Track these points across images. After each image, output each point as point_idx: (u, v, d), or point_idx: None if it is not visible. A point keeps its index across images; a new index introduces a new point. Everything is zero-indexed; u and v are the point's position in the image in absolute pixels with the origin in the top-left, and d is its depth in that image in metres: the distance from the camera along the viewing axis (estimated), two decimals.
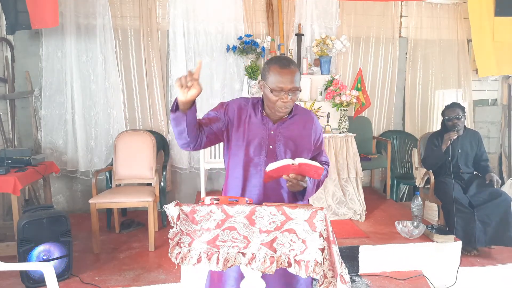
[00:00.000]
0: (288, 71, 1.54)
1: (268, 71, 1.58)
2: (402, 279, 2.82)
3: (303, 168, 1.47)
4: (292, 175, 1.49)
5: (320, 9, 4.38)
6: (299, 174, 1.50)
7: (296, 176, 1.50)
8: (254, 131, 1.65)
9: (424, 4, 4.61)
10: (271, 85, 1.56)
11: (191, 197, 4.35)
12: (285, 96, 1.55)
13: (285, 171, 1.48)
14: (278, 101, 1.57)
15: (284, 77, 1.54)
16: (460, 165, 3.38)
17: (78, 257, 2.95)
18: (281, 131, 1.65)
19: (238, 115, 1.67)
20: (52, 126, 4.00)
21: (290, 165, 1.45)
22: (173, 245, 1.34)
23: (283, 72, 1.54)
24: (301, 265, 1.27)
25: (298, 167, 1.46)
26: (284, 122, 1.67)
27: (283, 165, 1.45)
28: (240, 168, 1.65)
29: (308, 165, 1.45)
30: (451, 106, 3.40)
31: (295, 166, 1.45)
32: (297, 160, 1.45)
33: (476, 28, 3.52)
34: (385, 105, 4.71)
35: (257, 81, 1.68)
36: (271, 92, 1.56)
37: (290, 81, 1.54)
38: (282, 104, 1.57)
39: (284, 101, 1.55)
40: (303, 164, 1.45)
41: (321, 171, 1.46)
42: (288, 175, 1.49)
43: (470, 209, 3.09)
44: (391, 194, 4.31)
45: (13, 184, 2.77)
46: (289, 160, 1.46)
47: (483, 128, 4.83)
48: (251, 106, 1.69)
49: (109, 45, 4.00)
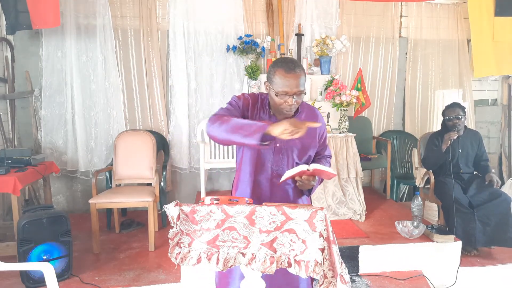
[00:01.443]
0: (293, 75, 1.55)
1: (273, 74, 1.59)
2: (402, 279, 2.82)
3: (316, 173, 1.57)
4: (304, 176, 1.59)
5: (320, 9, 4.38)
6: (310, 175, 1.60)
7: (308, 177, 1.59)
8: None
9: (424, 4, 4.60)
10: (276, 89, 1.57)
11: (191, 197, 4.35)
12: (290, 99, 1.57)
13: (300, 175, 1.59)
14: (283, 104, 1.59)
15: (289, 81, 1.55)
16: (461, 165, 3.38)
17: (78, 257, 2.95)
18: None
19: (251, 110, 1.71)
20: (52, 126, 4.00)
21: (305, 171, 1.54)
22: (173, 245, 1.34)
23: (288, 76, 1.55)
24: (301, 265, 1.27)
25: (311, 172, 1.55)
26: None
27: (298, 171, 1.53)
28: (249, 165, 1.71)
29: (321, 171, 1.54)
30: (452, 106, 3.39)
31: (309, 172, 1.54)
32: (311, 166, 1.53)
33: (476, 28, 3.52)
34: (385, 105, 4.71)
35: (264, 82, 1.71)
36: (276, 95, 1.58)
37: (295, 85, 1.55)
38: (287, 107, 1.60)
39: (288, 104, 1.58)
40: (317, 170, 1.53)
41: (333, 176, 1.57)
42: (301, 177, 1.59)
43: (470, 209, 3.09)
44: (391, 194, 4.31)
45: (13, 184, 2.77)
46: (304, 166, 1.53)
47: (483, 128, 4.83)
48: (260, 102, 1.73)
49: (109, 45, 4.00)
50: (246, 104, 1.69)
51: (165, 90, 4.24)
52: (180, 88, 4.18)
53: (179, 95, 4.19)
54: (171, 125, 4.25)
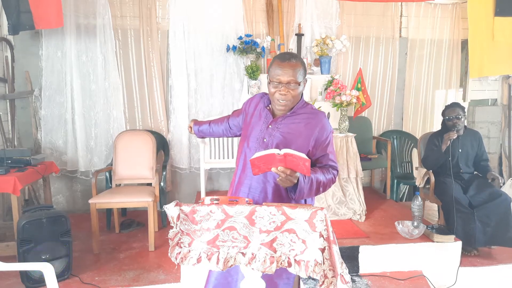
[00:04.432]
0: (287, 64, 1.59)
1: (271, 65, 1.65)
2: (402, 279, 2.82)
3: (289, 160, 1.43)
4: (280, 168, 1.45)
5: (320, 9, 4.38)
6: (287, 167, 1.46)
7: (285, 170, 1.45)
8: (256, 123, 1.74)
9: (423, 4, 4.60)
10: (270, 78, 1.63)
11: (191, 197, 4.34)
12: (283, 88, 1.59)
13: (271, 162, 1.45)
14: (276, 93, 1.62)
15: (283, 69, 1.59)
16: (461, 165, 3.38)
17: (78, 257, 2.95)
18: (279, 126, 1.68)
19: (251, 109, 1.81)
20: (52, 126, 4.00)
21: (275, 154, 1.42)
22: (173, 245, 1.34)
23: (282, 65, 1.60)
24: (301, 265, 1.27)
25: (283, 157, 1.42)
26: (285, 118, 1.69)
27: (267, 153, 1.42)
28: (239, 159, 1.78)
29: (293, 155, 1.41)
30: (451, 106, 3.40)
31: (280, 156, 1.42)
32: (282, 150, 1.42)
33: (474, 28, 3.51)
34: (385, 105, 4.71)
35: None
36: (270, 83, 1.63)
37: (288, 74, 1.58)
38: (280, 96, 1.61)
39: (281, 93, 1.60)
40: (289, 154, 1.41)
41: (308, 163, 1.42)
42: (277, 168, 1.45)
43: (470, 209, 3.08)
44: (391, 194, 4.31)
45: (13, 184, 2.76)
46: (275, 150, 1.44)
47: (483, 128, 4.83)
48: (262, 100, 1.81)
49: (109, 45, 4.00)
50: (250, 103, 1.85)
51: (165, 90, 4.24)
52: (180, 88, 4.18)
53: (179, 95, 4.19)
54: (171, 125, 4.25)
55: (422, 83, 4.75)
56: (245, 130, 1.79)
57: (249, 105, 1.84)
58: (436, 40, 4.70)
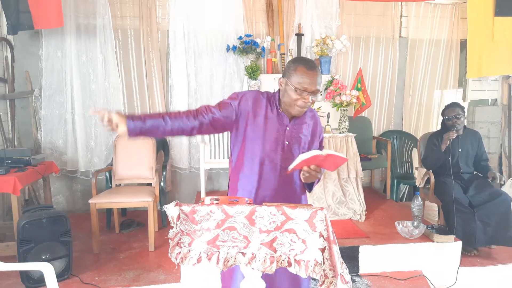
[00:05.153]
0: (314, 74, 1.61)
1: (294, 71, 1.62)
2: (402, 279, 2.82)
3: (328, 159, 1.52)
4: (313, 166, 1.53)
5: (320, 9, 4.38)
6: (318, 166, 1.55)
7: (316, 168, 1.53)
8: (271, 126, 1.68)
9: (423, 4, 4.61)
10: (295, 85, 1.60)
11: (191, 197, 4.34)
12: (307, 96, 1.61)
13: (311, 162, 1.52)
14: (299, 100, 1.62)
15: (310, 78, 1.60)
16: (461, 164, 3.38)
17: (78, 257, 2.95)
18: (295, 128, 1.72)
19: (253, 108, 1.68)
20: (52, 126, 4.00)
21: (318, 155, 1.49)
22: (173, 245, 1.34)
23: (310, 74, 1.60)
24: (301, 265, 1.27)
25: (324, 158, 1.50)
26: (297, 120, 1.72)
27: (313, 155, 1.49)
28: (257, 164, 1.67)
29: (334, 156, 1.50)
30: (451, 105, 3.40)
31: (322, 157, 1.49)
32: (325, 151, 1.49)
33: (473, 28, 3.50)
34: (385, 105, 4.71)
35: (279, 79, 1.71)
36: (294, 90, 1.61)
37: (315, 83, 1.61)
38: (303, 104, 1.63)
39: (305, 101, 1.62)
40: (330, 155, 1.49)
41: (344, 161, 1.54)
42: (309, 167, 1.52)
43: (470, 209, 3.08)
44: (391, 194, 4.31)
45: (13, 184, 2.76)
46: (317, 151, 1.51)
47: (483, 128, 4.82)
48: (267, 100, 1.72)
49: (109, 45, 4.00)
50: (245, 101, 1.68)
51: (165, 90, 4.24)
52: (180, 88, 4.18)
53: (179, 95, 4.19)
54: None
55: (422, 83, 4.76)
56: (252, 132, 1.66)
57: (245, 102, 1.67)
58: (436, 40, 4.70)
